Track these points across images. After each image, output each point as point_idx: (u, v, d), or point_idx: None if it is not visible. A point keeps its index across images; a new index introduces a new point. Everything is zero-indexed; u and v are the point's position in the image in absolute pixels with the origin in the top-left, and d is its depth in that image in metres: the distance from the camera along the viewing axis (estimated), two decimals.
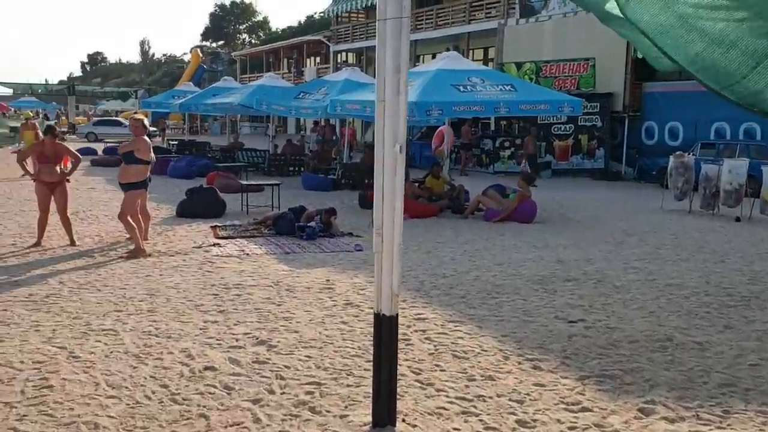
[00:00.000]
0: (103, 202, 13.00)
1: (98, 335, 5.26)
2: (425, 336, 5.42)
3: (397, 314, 3.65)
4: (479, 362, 4.91)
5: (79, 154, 9.25)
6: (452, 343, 5.30)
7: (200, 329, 5.48)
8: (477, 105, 11.70)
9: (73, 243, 8.88)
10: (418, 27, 30.85)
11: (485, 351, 5.15)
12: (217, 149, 23.10)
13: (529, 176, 12.54)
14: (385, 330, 3.64)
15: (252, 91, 19.32)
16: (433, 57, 31.73)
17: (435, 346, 5.21)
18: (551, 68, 22.54)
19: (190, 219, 11.19)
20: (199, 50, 57.78)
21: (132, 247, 8.43)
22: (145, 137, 8.53)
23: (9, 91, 59.73)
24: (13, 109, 53.75)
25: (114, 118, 45.20)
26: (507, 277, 7.56)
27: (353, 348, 5.10)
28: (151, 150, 8.59)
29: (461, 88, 11.87)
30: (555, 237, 10.34)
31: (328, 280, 7.22)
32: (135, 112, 38.63)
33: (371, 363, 4.71)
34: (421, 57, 32.72)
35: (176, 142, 26.48)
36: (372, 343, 5.15)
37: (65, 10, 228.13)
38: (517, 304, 6.51)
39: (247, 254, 8.53)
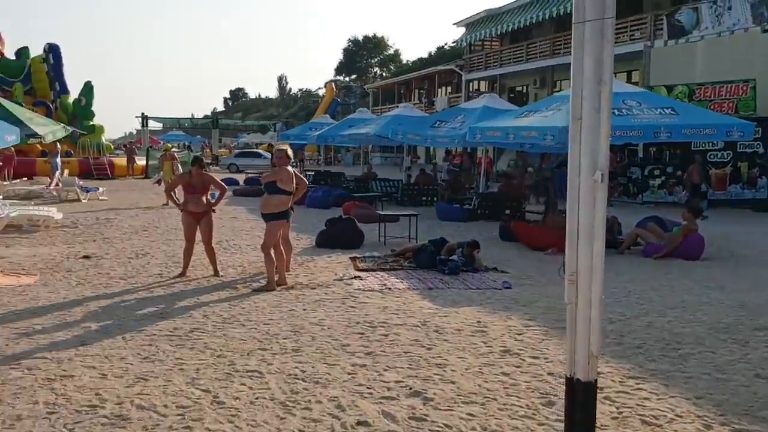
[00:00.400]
0: (245, 232, 13.13)
1: (243, 377, 4.94)
2: (603, 395, 4.65)
3: (595, 380, 2.98)
4: (676, 431, 4.10)
5: (224, 185, 9.26)
6: (638, 405, 4.51)
7: (348, 374, 5.02)
8: (634, 130, 10.72)
9: (216, 274, 8.83)
10: (555, 52, 29.84)
11: (680, 417, 4.32)
12: (352, 179, 23.18)
13: (697, 208, 11.32)
14: (581, 397, 2.98)
15: (387, 121, 19.21)
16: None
17: (617, 408, 4.45)
18: (706, 91, 20.83)
19: (329, 249, 10.97)
20: (333, 84, 59.46)
21: (276, 279, 8.21)
22: (289, 167, 8.35)
23: (159, 126, 64.02)
24: (162, 142, 57.47)
25: (254, 149, 47.11)
26: (685, 324, 6.60)
27: (521, 406, 4.44)
28: (295, 179, 8.38)
29: (615, 112, 10.91)
30: (729, 277, 9.16)
31: (479, 322, 6.60)
32: (269, 144, 39.92)
33: (546, 427, 4.06)
34: (558, 83, 31.65)
35: (313, 173, 26.94)
36: (543, 402, 4.50)
37: (211, 50, 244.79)
38: (704, 357, 5.58)
39: (390, 289, 8.08)
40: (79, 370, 5.04)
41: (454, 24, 38.66)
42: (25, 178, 22.71)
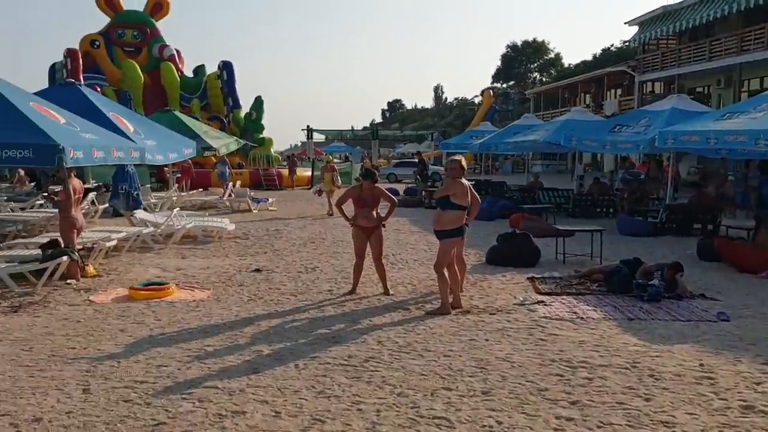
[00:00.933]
0: (410, 245, 12.61)
1: (429, 425, 4.26)
2: None
3: None
4: None
5: (395, 198, 8.75)
6: None
7: (555, 430, 4.19)
8: None
9: (387, 292, 8.30)
10: (744, 48, 26.91)
11: None
12: (515, 189, 22.04)
13: None
14: None
15: (558, 126, 18.01)
16: (761, 82, 27.54)
17: None
18: None
19: (501, 267, 10.14)
20: (490, 91, 58.34)
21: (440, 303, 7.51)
22: (463, 180, 7.63)
23: (322, 138, 66.21)
24: (324, 153, 59.25)
25: (412, 159, 47.12)
26: None
27: None
28: (470, 192, 7.65)
29: None
30: None
31: (702, 365, 5.48)
32: (417, 152, 39.47)
33: None
34: (746, 82, 28.57)
35: (473, 182, 26.09)
36: None
37: (370, 64, 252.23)
38: None
39: (582, 318, 7.09)
40: (251, 404, 4.61)
41: (626, 23, 36.28)
42: (201, 189, 23.87)
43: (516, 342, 6.17)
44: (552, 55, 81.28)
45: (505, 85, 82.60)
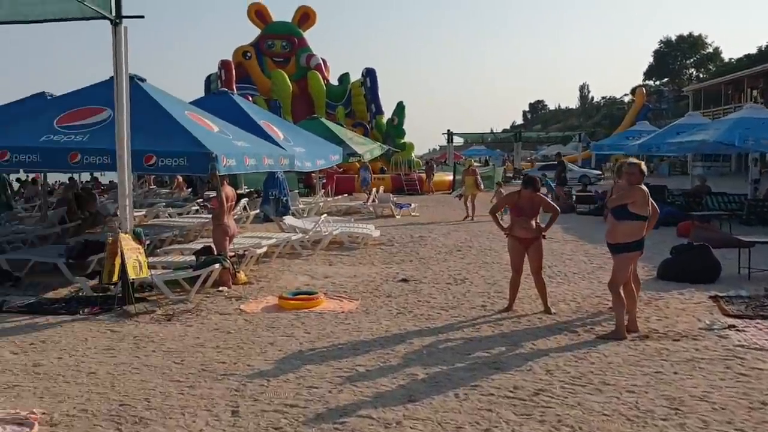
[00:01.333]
0: (566, 256, 11.70)
1: None
2: None
3: None
4: None
5: (557, 207, 7.99)
6: None
7: None
8: None
9: (547, 310, 7.55)
10: None
11: None
12: (678, 193, 20.23)
13: None
14: None
15: (731, 125, 16.22)
16: None
17: None
18: None
19: (675, 282, 9.04)
20: (643, 89, 55.05)
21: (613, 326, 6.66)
22: (643, 186, 6.73)
23: (461, 141, 65.39)
24: (464, 157, 58.48)
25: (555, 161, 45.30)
26: None
27: None
28: (649, 201, 6.75)
29: None
30: None
31: None
32: (557, 153, 37.71)
33: None
34: None
35: None
36: None
37: (508, 68, 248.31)
38: None
39: None
40: None
41: None
42: (346, 195, 24.03)
43: (711, 376, 5.25)
44: (710, 50, 75.58)
45: (658, 83, 77.88)
